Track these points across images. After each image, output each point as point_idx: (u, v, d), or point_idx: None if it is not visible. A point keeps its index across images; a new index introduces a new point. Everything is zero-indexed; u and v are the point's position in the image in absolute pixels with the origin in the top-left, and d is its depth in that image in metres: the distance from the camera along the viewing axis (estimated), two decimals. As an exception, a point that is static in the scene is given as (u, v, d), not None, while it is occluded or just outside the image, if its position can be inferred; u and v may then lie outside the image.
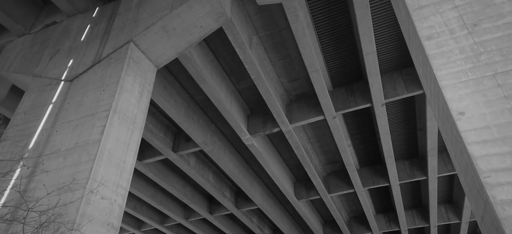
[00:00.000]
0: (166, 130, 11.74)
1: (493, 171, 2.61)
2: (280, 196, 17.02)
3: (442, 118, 3.30)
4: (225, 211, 16.54)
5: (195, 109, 11.33)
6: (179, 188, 14.33)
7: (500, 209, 2.45)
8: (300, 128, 12.62)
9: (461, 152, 2.92)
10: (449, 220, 17.23)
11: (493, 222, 2.53)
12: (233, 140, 13.18)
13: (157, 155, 11.97)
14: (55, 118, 5.16)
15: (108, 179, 4.36)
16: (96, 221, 3.99)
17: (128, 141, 4.94)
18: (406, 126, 12.76)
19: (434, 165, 12.74)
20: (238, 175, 13.70)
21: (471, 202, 3.06)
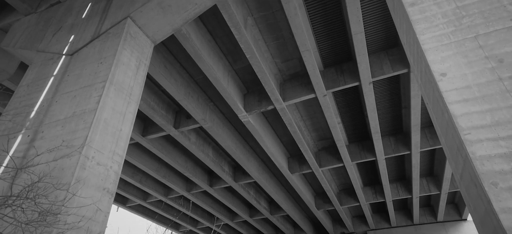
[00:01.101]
0: (168, 108, 11.54)
1: (473, 128, 2.45)
2: (275, 170, 17.00)
3: (424, 81, 3.12)
4: (224, 184, 16.53)
5: (194, 89, 11.11)
6: (181, 163, 14.25)
7: (479, 165, 2.30)
8: (293, 106, 12.45)
9: (442, 112, 2.76)
10: (430, 191, 17.31)
11: (472, 178, 2.38)
12: (231, 117, 13.02)
13: (159, 131, 11.81)
14: (55, 89, 4.96)
15: (104, 146, 4.20)
16: (91, 185, 3.85)
17: (125, 112, 4.75)
18: (392, 104, 12.60)
19: (417, 140, 12.65)
20: (236, 151, 13.61)
21: (451, 161, 2.92)
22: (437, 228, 21.24)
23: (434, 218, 21.36)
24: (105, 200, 3.97)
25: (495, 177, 2.19)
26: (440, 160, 15.64)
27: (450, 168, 2.86)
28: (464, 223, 20.85)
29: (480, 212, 2.37)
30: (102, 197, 3.94)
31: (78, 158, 3.78)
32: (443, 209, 19.48)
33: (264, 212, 19.75)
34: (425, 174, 17.63)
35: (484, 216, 2.31)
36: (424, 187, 17.51)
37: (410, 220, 21.93)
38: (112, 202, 4.13)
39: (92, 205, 3.77)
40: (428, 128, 13.75)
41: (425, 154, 15.76)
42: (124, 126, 4.65)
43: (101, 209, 3.87)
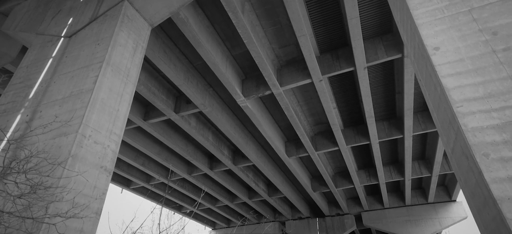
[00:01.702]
0: (168, 93, 11.41)
1: (466, 100, 2.35)
2: (273, 153, 16.98)
3: (418, 57, 2.99)
4: (223, 167, 16.54)
5: (194, 74, 10.95)
6: (182, 146, 14.20)
7: (471, 136, 2.21)
8: (290, 91, 12.31)
9: (435, 86, 2.65)
10: (422, 174, 17.35)
11: (464, 150, 2.29)
12: (230, 102, 12.90)
13: (160, 116, 11.71)
14: (54, 70, 4.82)
15: (101, 126, 4.09)
16: (89, 163, 3.76)
17: (122, 92, 4.63)
18: (386, 89, 12.47)
19: (409, 124, 12.58)
20: (235, 135, 13.55)
21: (442, 136, 2.82)
22: (427, 209, 21.42)
23: (425, 199, 21.51)
24: (102, 177, 3.89)
25: (486, 148, 2.10)
26: (431, 143, 15.61)
27: (442, 143, 2.78)
28: (453, 204, 21.01)
29: (471, 184, 2.29)
30: (100, 175, 3.86)
31: (74, 136, 3.69)
32: (433, 191, 19.59)
33: (263, 194, 19.86)
34: (417, 157, 17.64)
35: (474, 188, 2.23)
36: (416, 170, 17.54)
37: (402, 202, 22.09)
38: (110, 180, 4.06)
39: (90, 182, 3.69)
40: (420, 112, 13.65)
41: (417, 138, 15.71)
42: (121, 106, 4.53)
43: (98, 186, 3.80)
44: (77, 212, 3.27)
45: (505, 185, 1.95)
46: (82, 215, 3.39)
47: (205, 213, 24.16)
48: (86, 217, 3.53)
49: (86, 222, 3.57)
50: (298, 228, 24.45)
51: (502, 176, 2.00)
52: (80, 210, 3.35)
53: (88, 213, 3.61)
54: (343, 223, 23.35)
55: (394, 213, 22.21)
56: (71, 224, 3.31)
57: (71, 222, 3.33)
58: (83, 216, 3.41)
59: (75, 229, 3.39)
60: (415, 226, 21.18)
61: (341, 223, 23.38)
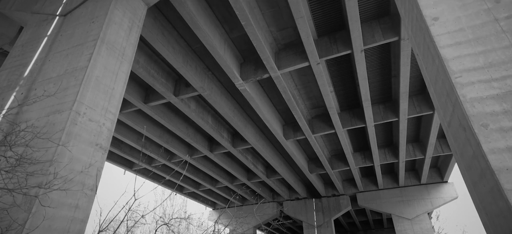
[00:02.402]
0: (168, 76, 11.21)
1: (465, 71, 2.20)
2: (271, 136, 16.92)
3: (415, 30, 2.82)
4: (223, 149, 16.50)
5: (193, 57, 10.72)
6: (182, 129, 14.10)
7: (470, 107, 2.08)
8: (288, 75, 12.11)
9: (433, 58, 2.50)
10: (415, 156, 17.36)
11: (461, 122, 2.17)
12: (228, 86, 12.72)
13: (160, 99, 11.55)
14: (49, 49, 4.64)
15: (96, 103, 3.95)
16: (83, 141, 3.64)
17: (117, 71, 4.46)
18: (382, 73, 12.27)
19: (405, 107, 12.45)
20: (234, 118, 13.42)
21: (439, 110, 2.69)
22: (420, 189, 21.57)
23: (418, 181, 21.64)
24: (98, 155, 3.78)
25: (485, 118, 1.97)
26: (425, 126, 15.53)
27: (438, 118, 2.65)
28: (445, 185, 21.15)
29: (467, 157, 2.18)
30: (95, 152, 3.75)
31: (68, 114, 3.55)
32: (426, 172, 19.67)
33: (261, 176, 19.93)
34: (411, 140, 17.60)
35: (471, 160, 2.12)
36: (410, 152, 17.54)
37: (396, 183, 22.23)
38: (105, 157, 3.96)
39: (84, 159, 3.58)
40: (415, 96, 13.50)
41: (412, 121, 15.63)
42: (116, 84, 4.38)
43: (93, 163, 3.69)
44: (68, 187, 3.17)
45: (503, 156, 1.84)
46: (75, 189, 3.30)
47: (205, 193, 24.34)
48: (81, 193, 3.44)
49: (81, 198, 3.48)
50: (295, 208, 24.71)
51: (501, 147, 1.88)
52: (72, 185, 3.26)
53: (84, 190, 3.52)
54: (338, 204, 23.58)
55: (388, 193, 22.39)
56: (66, 200, 3.22)
57: (66, 197, 3.24)
58: (78, 190, 3.31)
59: (70, 205, 3.30)
60: (408, 206, 21.39)
61: (336, 204, 23.61)
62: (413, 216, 20.99)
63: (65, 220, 3.17)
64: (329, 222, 23.16)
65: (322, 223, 23.26)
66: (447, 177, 20.81)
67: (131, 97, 11.07)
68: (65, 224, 3.15)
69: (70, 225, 3.22)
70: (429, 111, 13.00)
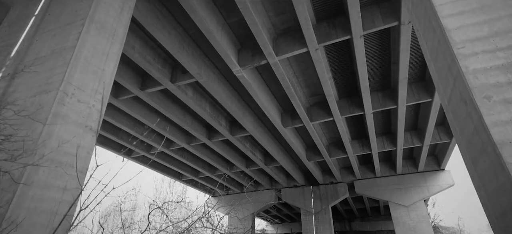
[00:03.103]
0: (164, 62, 11.01)
1: (468, 41, 2.06)
2: (269, 124, 16.83)
3: (416, 3, 2.66)
4: (221, 137, 16.43)
5: (189, 43, 10.51)
6: (180, 117, 13.98)
7: (472, 79, 1.95)
8: (286, 61, 11.92)
9: (434, 31, 2.35)
10: (413, 144, 17.33)
11: (462, 95, 2.05)
12: (226, 73, 12.53)
13: (157, 85, 11.39)
14: (36, 29, 4.47)
15: (85, 84, 3.81)
16: (72, 122, 3.52)
17: (107, 52, 4.30)
18: (381, 60, 12.09)
19: (403, 95, 12.32)
20: (231, 105, 13.30)
21: (439, 87, 2.57)
22: (417, 177, 21.65)
23: (415, 168, 21.69)
24: (87, 137, 3.66)
25: (489, 90, 1.85)
26: (424, 114, 15.44)
27: (438, 96, 2.53)
28: (441, 172, 21.21)
29: (468, 132, 2.07)
30: (84, 134, 3.63)
31: (56, 94, 3.42)
32: (424, 160, 19.68)
33: (260, 163, 19.93)
34: (410, 128, 17.54)
35: (471, 136, 2.01)
36: (408, 140, 17.50)
37: (393, 171, 22.29)
38: (95, 139, 3.84)
39: (73, 140, 3.47)
40: (414, 83, 13.36)
41: (411, 108, 15.52)
42: (107, 65, 4.23)
43: (83, 145, 3.58)
44: (56, 169, 3.06)
45: (507, 128, 1.73)
46: (64, 171, 3.19)
47: (204, 181, 24.40)
48: (69, 175, 3.33)
49: (70, 180, 3.38)
50: (293, 195, 24.84)
51: (505, 119, 1.76)
52: (60, 167, 3.15)
53: (72, 172, 3.42)
54: (336, 191, 23.69)
55: (385, 181, 22.48)
56: (53, 181, 3.12)
57: (53, 179, 3.13)
58: (66, 172, 3.21)
59: (58, 187, 3.20)
60: (405, 193, 21.51)
61: (334, 191, 23.72)
62: (410, 203, 21.12)
63: (53, 202, 3.07)
64: (327, 209, 23.32)
65: (320, 210, 23.41)
66: (444, 165, 20.86)
67: (127, 83, 10.90)
68: (53, 206, 3.06)
69: (58, 207, 3.13)
70: (428, 98, 12.88)
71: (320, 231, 22.59)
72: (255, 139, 17.05)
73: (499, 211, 1.89)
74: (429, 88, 12.85)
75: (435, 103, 12.92)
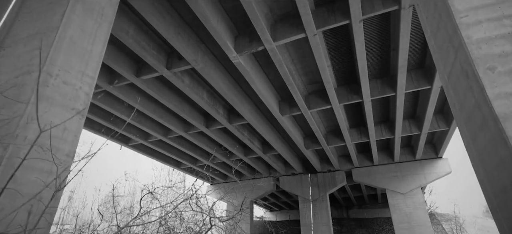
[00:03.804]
0: (159, 48, 10.79)
1: (472, 9, 1.91)
2: (267, 112, 16.71)
3: (417, -27, 2.50)
4: (219, 125, 16.32)
5: (185, 29, 10.26)
6: (177, 105, 13.83)
7: (475, 49, 1.81)
8: (284, 48, 11.70)
9: (435, 3, 2.20)
10: (411, 132, 17.27)
11: (463, 67, 1.91)
12: (223, 60, 12.32)
13: (152, 72, 11.19)
14: (18, 8, 4.27)
15: (71, 66, 3.65)
16: (57, 104, 3.37)
17: (95, 32, 4.12)
18: (381, 46, 11.88)
19: (402, 82, 12.16)
20: (229, 93, 13.13)
21: (439, 63, 2.42)
22: (414, 165, 21.69)
23: (413, 156, 21.71)
24: (74, 120, 3.53)
25: (493, 60, 1.71)
26: (423, 102, 15.32)
27: (438, 73, 2.40)
28: (439, 160, 21.25)
29: (468, 108, 1.94)
30: (71, 117, 3.49)
31: (38, 74, 3.26)
32: (421, 148, 19.67)
33: (258, 152, 19.90)
34: (408, 116, 17.45)
35: (471, 111, 1.88)
36: (406, 128, 17.43)
37: (391, 159, 22.31)
38: (83, 123, 3.70)
39: (59, 123, 3.33)
40: (414, 70, 13.19)
41: (409, 96, 15.39)
42: (94, 47, 4.05)
43: (69, 128, 3.44)
44: (40, 151, 2.94)
45: (511, 100, 1.60)
46: (48, 154, 3.06)
47: (203, 169, 24.42)
48: (55, 158, 3.21)
49: (57, 164, 3.26)
50: (291, 183, 24.93)
51: (509, 90, 1.64)
52: (44, 150, 3.02)
53: (58, 155, 3.29)
54: (334, 179, 23.77)
55: (383, 169, 22.53)
56: (36, 164, 3.00)
57: (38, 162, 3.01)
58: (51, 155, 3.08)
59: (42, 170, 3.09)
60: (402, 181, 21.58)
61: (332, 179, 23.80)
62: (407, 190, 21.21)
63: (37, 186, 2.96)
64: (324, 197, 23.44)
65: (318, 197, 23.53)
66: (442, 153, 20.87)
67: (122, 70, 10.70)
68: (37, 190, 2.94)
69: (43, 191, 3.02)
70: (427, 86, 12.74)
71: (318, 218, 22.76)
72: (253, 127, 16.95)
73: (498, 187, 1.79)
74: (428, 75, 12.69)
75: (434, 91, 12.79)
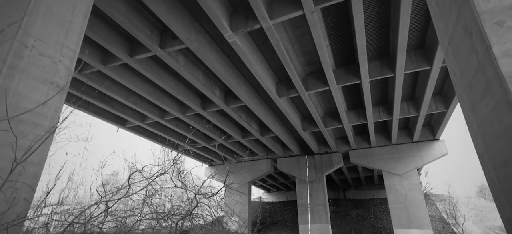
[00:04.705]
0: (152, 27, 10.44)
1: (478, -42, 1.70)
2: (264, 94, 16.50)
3: None
4: (216, 107, 16.14)
5: (178, 6, 9.88)
6: (173, 86, 13.58)
7: (482, 2, 1.60)
8: (281, 27, 11.35)
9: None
10: (409, 113, 17.14)
11: (467, 27, 1.71)
12: (219, 40, 11.98)
13: (146, 52, 10.88)
14: (-6, -22, 3.98)
15: (48, 37, 3.41)
16: (33, 77, 3.16)
17: (75, 2, 3.86)
18: (380, 26, 11.54)
19: (402, 62, 11.90)
20: (225, 74, 12.85)
21: (439, 27, 2.21)
22: (411, 147, 21.71)
23: (410, 138, 21.68)
24: (53, 94, 3.33)
25: (502, 13, 1.51)
26: (422, 83, 15.10)
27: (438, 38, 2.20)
28: (436, 142, 21.24)
29: (469, 73, 1.76)
30: (50, 91, 3.29)
31: (11, 44, 3.04)
32: (419, 130, 19.60)
33: (255, 134, 19.82)
34: (407, 98, 17.27)
35: (473, 76, 1.70)
36: (404, 110, 17.29)
37: (388, 141, 22.30)
38: (64, 98, 3.51)
39: (36, 97, 3.14)
40: (413, 50, 12.89)
41: (408, 78, 15.16)
42: (75, 17, 3.80)
43: (49, 103, 3.25)
44: (15, 127, 2.76)
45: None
46: (25, 130, 2.89)
47: (201, 151, 24.43)
48: (33, 134, 3.04)
49: (37, 140, 3.09)
50: (289, 164, 25.03)
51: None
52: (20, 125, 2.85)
53: (38, 131, 3.12)
54: (331, 161, 23.85)
55: (380, 151, 22.56)
56: (12, 140, 2.83)
57: (11, 138, 2.84)
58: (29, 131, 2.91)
59: (21, 147, 2.92)
60: (399, 162, 21.65)
61: (329, 161, 23.88)
62: (403, 172, 21.32)
63: (7, 161, 2.80)
64: (321, 178, 23.59)
65: (315, 178, 23.68)
66: (439, 135, 20.84)
67: (115, 49, 10.39)
68: (7, 165, 2.78)
69: (21, 168, 2.86)
70: (427, 66, 12.49)
71: (314, 199, 22.98)
72: (250, 109, 16.76)
73: (500, 159, 1.65)
74: (428, 55, 12.42)
75: (433, 71, 12.55)
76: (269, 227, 29.48)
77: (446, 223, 24.39)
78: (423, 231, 19.43)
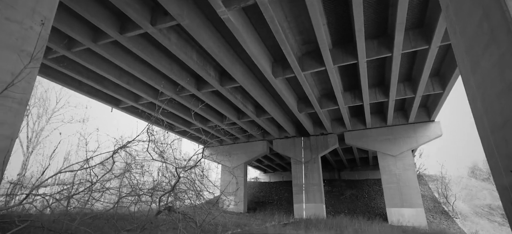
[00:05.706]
0: (143, 3, 10.00)
1: None
2: (260, 75, 16.19)
3: None
4: (211, 88, 15.85)
5: (169, -20, 9.42)
6: (166, 65, 13.22)
7: None
8: (277, 4, 10.92)
9: None
10: (406, 94, 16.98)
11: None
12: (213, 18, 11.56)
13: (136, 29, 10.47)
14: None
15: (16, 1, 3.14)
16: (1, 44, 2.92)
17: (48, -36, 3.55)
18: (378, 3, 11.16)
19: (400, 40, 11.60)
20: (219, 54, 12.50)
21: None
22: (407, 128, 21.71)
23: (406, 120, 21.65)
24: (24, 63, 3.09)
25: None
26: (419, 64, 14.85)
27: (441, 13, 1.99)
28: (431, 123, 21.24)
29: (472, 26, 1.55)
30: (20, 60, 3.05)
31: (-27, 7, 2.77)
32: (415, 111, 19.53)
33: (251, 115, 19.65)
34: (403, 79, 17.06)
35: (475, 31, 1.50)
36: (400, 91, 17.11)
37: (384, 122, 22.26)
38: (38, 67, 3.27)
39: (6, 67, 2.90)
40: (412, 29, 12.56)
41: (405, 58, 14.88)
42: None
43: (19, 73, 3.02)
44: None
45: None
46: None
47: (197, 132, 24.31)
48: (4, 106, 2.82)
49: (7, 112, 2.88)
50: (284, 145, 25.05)
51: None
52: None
53: (8, 103, 2.90)
54: (326, 142, 23.86)
55: (376, 132, 22.56)
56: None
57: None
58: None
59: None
60: (394, 144, 21.71)
61: (324, 142, 23.89)
62: (398, 153, 21.42)
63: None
64: (316, 159, 23.67)
65: (310, 159, 23.77)
66: (435, 116, 20.80)
67: (104, 25, 9.98)
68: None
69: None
70: (425, 45, 12.21)
71: (309, 179, 23.15)
72: (246, 90, 16.50)
73: (499, 121, 1.49)
74: (427, 34, 12.11)
75: (432, 50, 12.29)
76: (264, 205, 29.88)
77: (437, 202, 24.81)
78: (414, 209, 19.74)
